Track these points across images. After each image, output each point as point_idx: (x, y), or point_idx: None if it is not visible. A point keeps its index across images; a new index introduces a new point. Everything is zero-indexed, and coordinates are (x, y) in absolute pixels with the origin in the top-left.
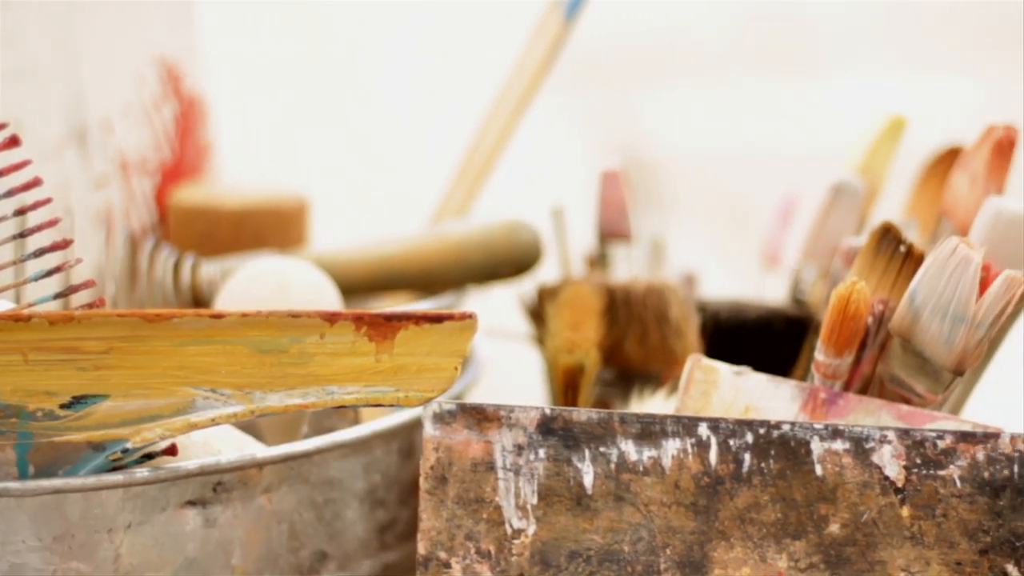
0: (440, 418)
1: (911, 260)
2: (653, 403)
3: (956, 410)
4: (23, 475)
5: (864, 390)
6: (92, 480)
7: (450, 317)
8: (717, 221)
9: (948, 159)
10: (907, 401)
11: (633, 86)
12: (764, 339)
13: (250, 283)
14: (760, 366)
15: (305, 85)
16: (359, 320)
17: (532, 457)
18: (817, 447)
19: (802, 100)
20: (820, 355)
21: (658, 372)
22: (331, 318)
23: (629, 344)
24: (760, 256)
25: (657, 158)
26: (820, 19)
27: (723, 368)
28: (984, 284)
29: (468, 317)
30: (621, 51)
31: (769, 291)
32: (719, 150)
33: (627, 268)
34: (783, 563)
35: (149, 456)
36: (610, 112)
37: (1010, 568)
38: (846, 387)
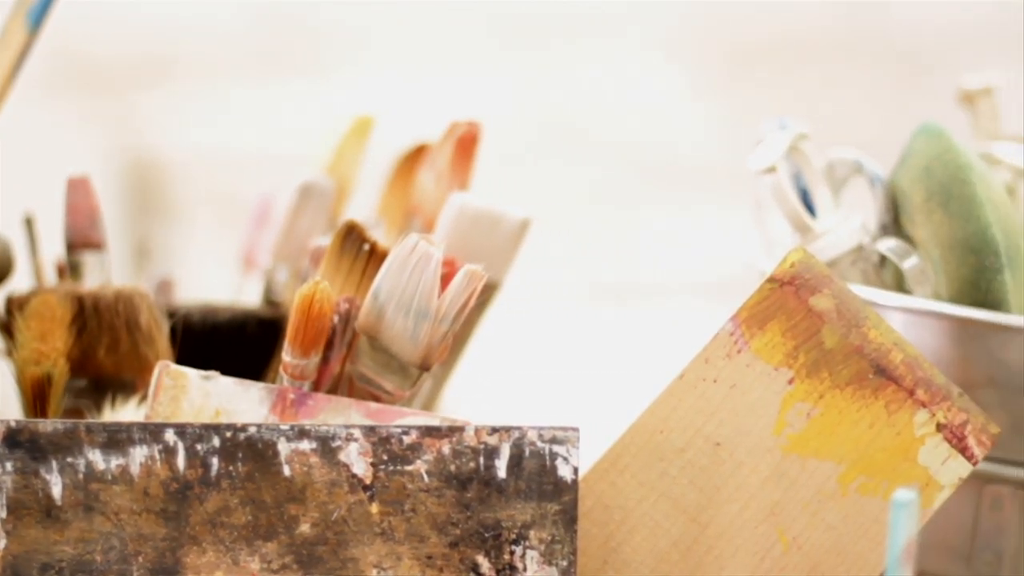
0: None
1: (375, 258)
2: (125, 411)
3: (430, 405)
4: None
5: (334, 389)
6: None
7: None
8: (219, 224)
9: (415, 157)
10: (377, 399)
11: (138, 89)
12: (237, 342)
13: None
14: (235, 369)
15: None
16: None
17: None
18: (284, 448)
19: (302, 102)
20: (287, 356)
21: (132, 380)
22: None
23: (100, 352)
24: (239, 258)
25: (162, 161)
26: (322, 22)
27: (191, 373)
28: (448, 279)
29: None
30: (127, 55)
31: (248, 293)
32: (223, 152)
33: (101, 276)
34: (256, 565)
35: None
36: (115, 116)
37: (480, 559)
38: (315, 387)
